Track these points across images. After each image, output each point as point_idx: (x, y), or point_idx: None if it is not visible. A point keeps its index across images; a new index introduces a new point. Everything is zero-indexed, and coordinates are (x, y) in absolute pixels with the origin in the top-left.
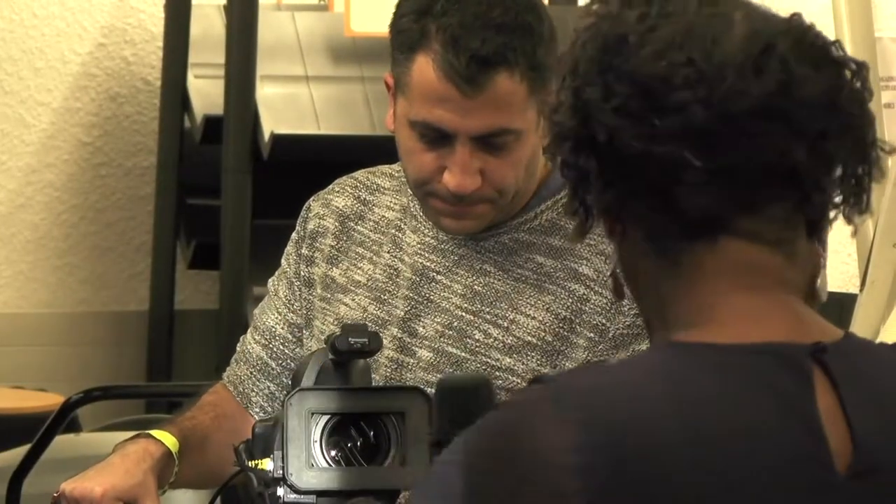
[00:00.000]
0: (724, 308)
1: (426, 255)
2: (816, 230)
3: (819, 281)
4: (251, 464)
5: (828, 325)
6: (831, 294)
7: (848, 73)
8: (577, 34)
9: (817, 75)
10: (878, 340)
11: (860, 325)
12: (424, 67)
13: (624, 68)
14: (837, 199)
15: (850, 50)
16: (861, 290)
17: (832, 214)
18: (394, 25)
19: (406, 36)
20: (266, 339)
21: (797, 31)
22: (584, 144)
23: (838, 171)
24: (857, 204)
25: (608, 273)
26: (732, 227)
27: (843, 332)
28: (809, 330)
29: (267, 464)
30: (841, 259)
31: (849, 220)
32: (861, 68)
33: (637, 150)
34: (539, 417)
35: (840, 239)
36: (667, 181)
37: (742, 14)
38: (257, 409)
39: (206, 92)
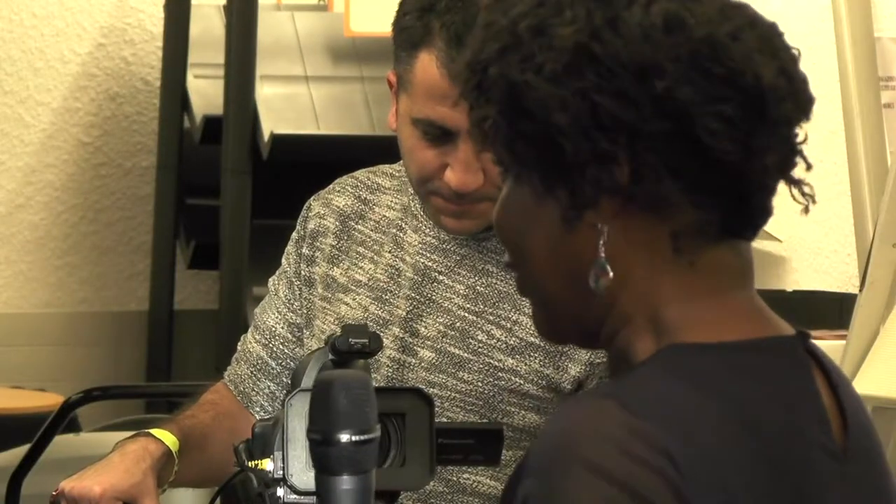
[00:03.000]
0: (723, 307)
1: (428, 254)
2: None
3: None
4: (251, 464)
5: (781, 320)
6: (831, 294)
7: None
8: (641, 28)
9: None
10: (877, 340)
11: (860, 325)
12: (427, 65)
13: (718, 71)
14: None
15: (849, 50)
16: (861, 290)
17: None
18: (397, 23)
19: (409, 33)
20: (266, 338)
21: None
22: (655, 140)
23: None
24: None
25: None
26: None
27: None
28: (778, 324)
29: (267, 464)
30: (841, 259)
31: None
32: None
33: (737, 158)
34: (616, 430)
35: (840, 239)
36: (752, 187)
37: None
38: (258, 409)
39: (205, 92)
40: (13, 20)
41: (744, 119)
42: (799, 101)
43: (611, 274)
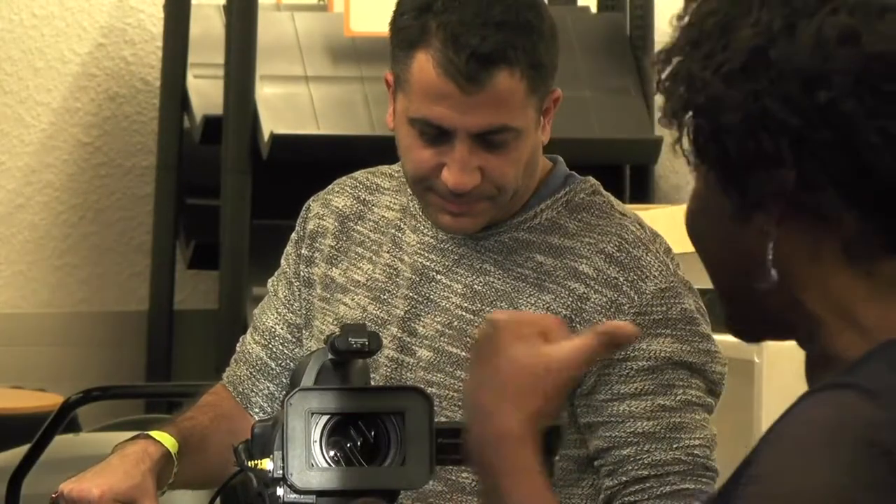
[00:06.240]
0: None
1: (426, 254)
2: None
3: None
4: (251, 464)
5: None
6: None
7: None
8: (815, 38)
9: None
10: None
11: None
12: (424, 64)
13: (888, 88)
14: None
15: None
16: None
17: None
18: (394, 23)
19: (406, 33)
20: (265, 339)
21: None
22: (818, 148)
23: None
24: None
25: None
26: None
27: None
28: None
29: (266, 464)
30: None
31: None
32: None
33: None
34: (864, 416)
35: None
36: None
37: None
38: (257, 410)
39: (205, 92)
40: (13, 20)
41: None
42: None
43: (774, 278)
